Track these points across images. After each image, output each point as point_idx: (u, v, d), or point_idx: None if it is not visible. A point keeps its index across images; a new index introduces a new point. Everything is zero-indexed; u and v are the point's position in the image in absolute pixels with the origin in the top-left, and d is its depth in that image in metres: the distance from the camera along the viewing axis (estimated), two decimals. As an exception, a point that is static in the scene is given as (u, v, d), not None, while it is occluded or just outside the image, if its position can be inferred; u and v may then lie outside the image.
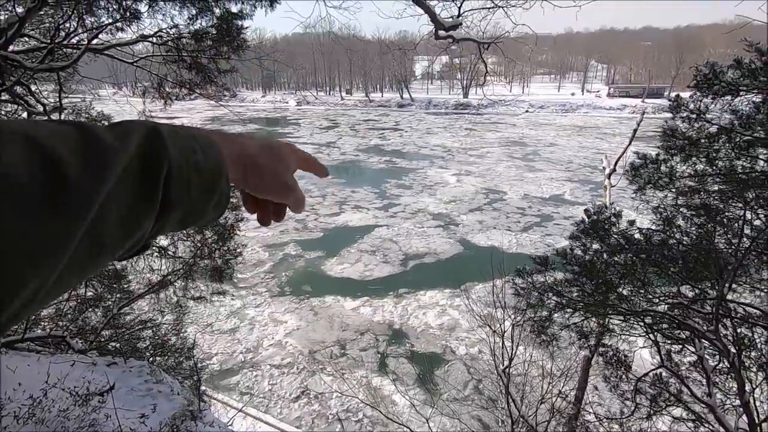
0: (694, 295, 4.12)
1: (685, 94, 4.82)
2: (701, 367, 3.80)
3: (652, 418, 4.26)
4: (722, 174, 4.06)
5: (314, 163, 0.59)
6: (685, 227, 4.27)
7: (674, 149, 4.28)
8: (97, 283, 6.39)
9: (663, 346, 4.30)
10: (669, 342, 4.33)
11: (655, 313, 3.98)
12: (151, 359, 6.15)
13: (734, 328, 3.67)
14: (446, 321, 13.25)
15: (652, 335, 4.13)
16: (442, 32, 4.47)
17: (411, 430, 7.12)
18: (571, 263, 4.60)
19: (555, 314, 4.83)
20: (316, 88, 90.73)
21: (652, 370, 4.28)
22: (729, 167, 4.00)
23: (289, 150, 0.54)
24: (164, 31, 4.83)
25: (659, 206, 4.52)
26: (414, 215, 22.33)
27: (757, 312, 3.70)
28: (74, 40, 5.08)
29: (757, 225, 3.98)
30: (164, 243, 6.06)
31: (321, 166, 0.60)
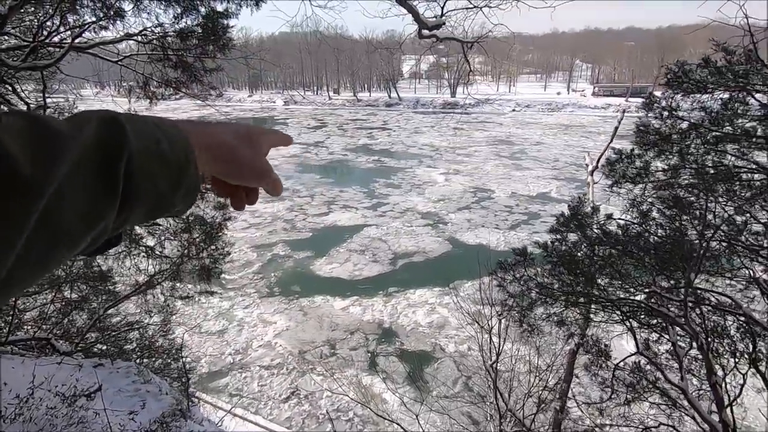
0: (668, 284, 4.28)
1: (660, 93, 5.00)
2: (675, 352, 3.96)
3: (630, 405, 4.44)
4: (693, 168, 4.23)
5: (280, 137, 0.59)
6: (659, 220, 4.44)
7: (647, 145, 4.46)
8: (83, 285, 6.30)
9: (639, 334, 4.47)
10: (646, 329, 4.49)
11: (630, 301, 4.14)
12: (138, 361, 6.10)
13: (702, 315, 3.86)
14: (435, 319, 13.33)
15: (628, 323, 4.29)
16: (425, 31, 4.55)
17: (402, 427, 7.17)
18: (551, 255, 4.74)
19: (536, 304, 4.96)
20: (303, 88, 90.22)
21: (629, 357, 4.45)
22: (700, 162, 4.18)
23: (259, 132, 0.54)
24: (149, 29, 4.80)
25: (634, 199, 4.67)
26: (403, 214, 22.40)
27: (727, 300, 3.88)
28: (56, 39, 5.01)
29: (727, 217, 4.16)
30: (151, 243, 6.01)
31: (285, 136, 0.60)
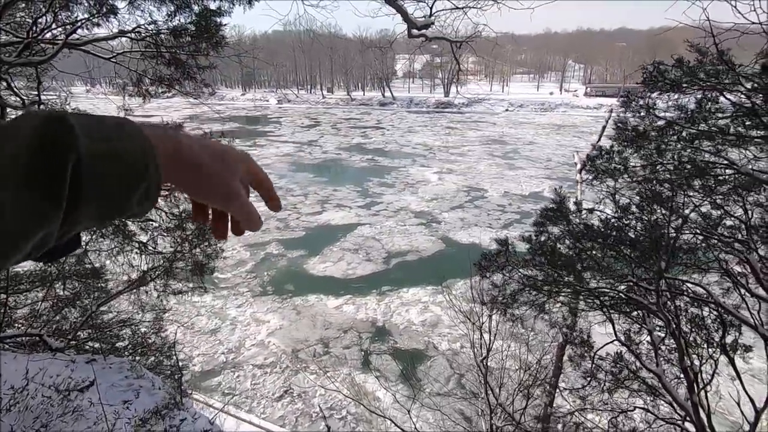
0: (646, 275, 4.43)
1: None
2: (651, 341, 4.10)
3: (612, 394, 4.58)
4: (670, 164, 4.38)
5: (269, 189, 0.51)
6: (637, 213, 4.58)
7: (626, 141, 4.60)
8: (76, 281, 6.30)
9: (620, 324, 4.63)
10: (626, 319, 4.65)
11: (608, 290, 4.29)
12: (131, 358, 6.10)
13: (674, 302, 4.00)
14: (429, 318, 13.41)
15: (605, 311, 4.43)
16: (414, 31, 4.62)
17: (395, 423, 7.23)
18: (534, 247, 4.87)
19: (519, 293, 5.09)
20: (297, 87, 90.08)
21: (607, 344, 4.58)
22: (677, 158, 4.32)
23: (238, 157, 0.49)
24: (143, 27, 4.82)
25: (614, 193, 4.80)
26: (396, 213, 22.47)
27: (701, 290, 4.03)
28: (48, 36, 5.01)
29: (693, 207, 4.33)
30: (144, 239, 6.01)
31: (275, 197, 0.53)
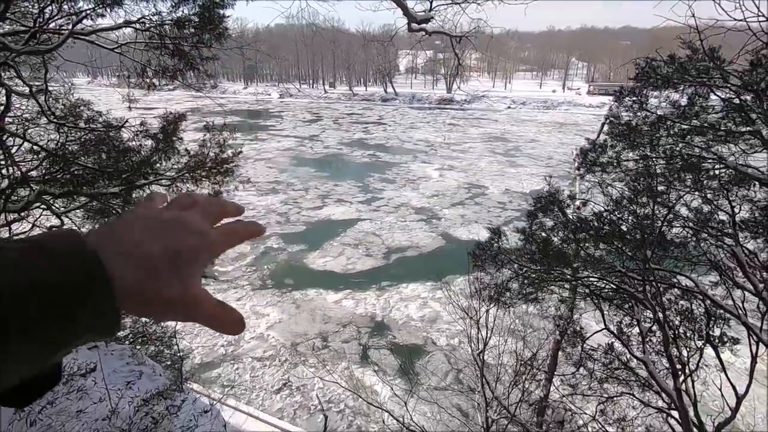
0: (635, 267, 4.50)
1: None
2: (639, 331, 4.17)
3: (602, 384, 4.65)
4: (662, 158, 4.42)
5: (244, 230, 0.42)
6: (630, 207, 4.63)
7: (618, 136, 4.64)
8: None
9: (610, 315, 4.69)
10: (615, 309, 4.71)
11: (595, 278, 4.36)
12: (131, 346, 6.16)
13: (660, 291, 4.07)
14: (427, 313, 13.49)
15: (595, 300, 4.50)
16: (414, 25, 4.65)
17: (392, 415, 7.31)
18: (528, 240, 4.93)
19: (510, 281, 5.17)
20: (299, 81, 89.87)
21: (597, 332, 4.65)
22: (668, 152, 4.36)
23: (195, 224, 0.37)
24: (147, 17, 4.85)
25: (605, 186, 4.85)
26: (397, 209, 22.53)
27: (689, 282, 4.09)
28: (52, 25, 5.04)
29: (678, 197, 4.38)
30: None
31: (254, 225, 0.43)
